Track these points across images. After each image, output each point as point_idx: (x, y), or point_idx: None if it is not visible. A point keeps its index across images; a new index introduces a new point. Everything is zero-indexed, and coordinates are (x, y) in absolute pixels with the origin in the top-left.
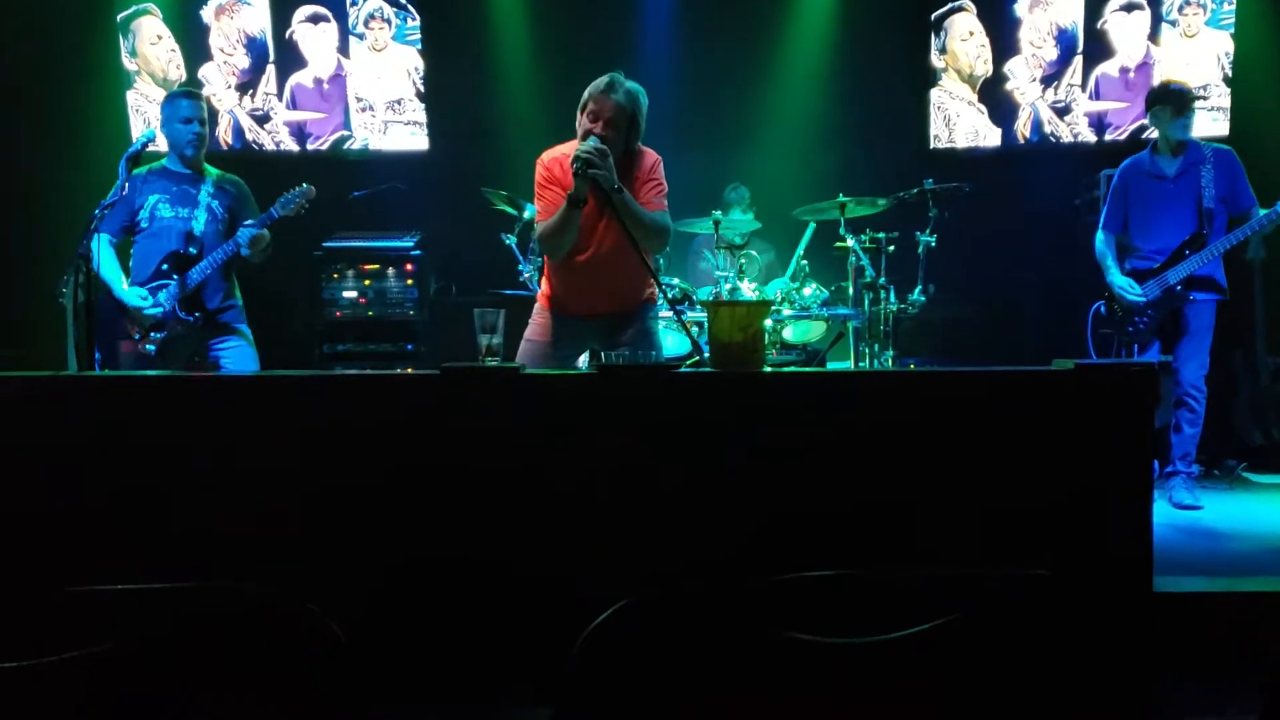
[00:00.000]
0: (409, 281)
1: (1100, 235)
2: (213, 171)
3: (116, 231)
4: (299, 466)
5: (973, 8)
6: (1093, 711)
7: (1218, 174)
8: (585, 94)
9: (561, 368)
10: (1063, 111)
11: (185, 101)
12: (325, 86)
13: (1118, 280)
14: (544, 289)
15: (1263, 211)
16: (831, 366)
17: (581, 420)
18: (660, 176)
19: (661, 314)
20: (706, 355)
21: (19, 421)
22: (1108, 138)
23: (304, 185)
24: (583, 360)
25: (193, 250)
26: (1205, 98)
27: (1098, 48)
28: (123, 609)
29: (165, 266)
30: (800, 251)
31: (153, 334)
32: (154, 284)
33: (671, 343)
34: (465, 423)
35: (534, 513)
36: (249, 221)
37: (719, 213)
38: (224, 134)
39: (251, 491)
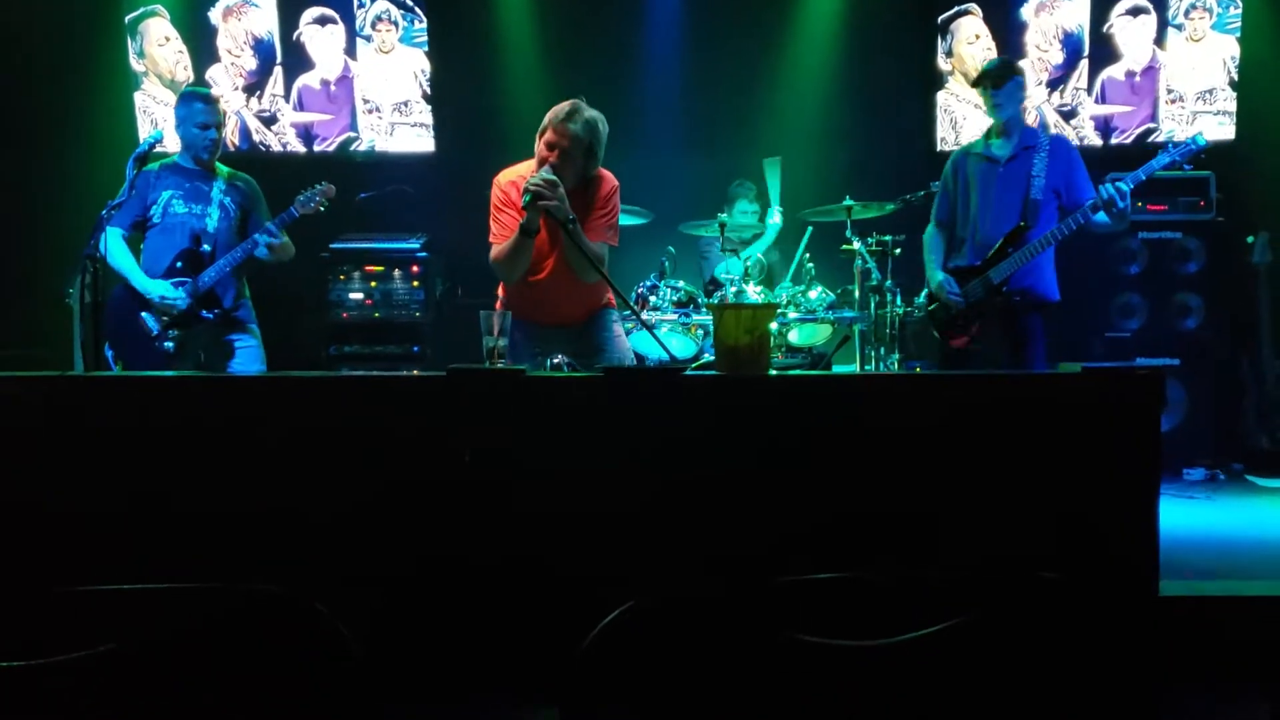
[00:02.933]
0: (415, 283)
1: (928, 227)
2: (224, 170)
3: (128, 226)
4: (306, 468)
5: (979, 11)
6: (1098, 714)
7: (1052, 162)
8: (545, 119)
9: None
10: (1069, 115)
11: (201, 105)
12: (332, 88)
13: (936, 277)
14: (500, 297)
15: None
16: (837, 370)
17: (587, 422)
18: (614, 206)
19: (664, 318)
20: (690, 361)
21: (26, 421)
22: (1113, 141)
23: (322, 183)
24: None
25: (206, 248)
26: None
27: (1104, 51)
28: (129, 609)
29: (180, 264)
30: (800, 254)
31: (170, 332)
32: (170, 281)
33: (676, 345)
34: (471, 424)
35: (540, 514)
36: (269, 224)
37: (724, 215)
38: (231, 135)
39: (257, 492)
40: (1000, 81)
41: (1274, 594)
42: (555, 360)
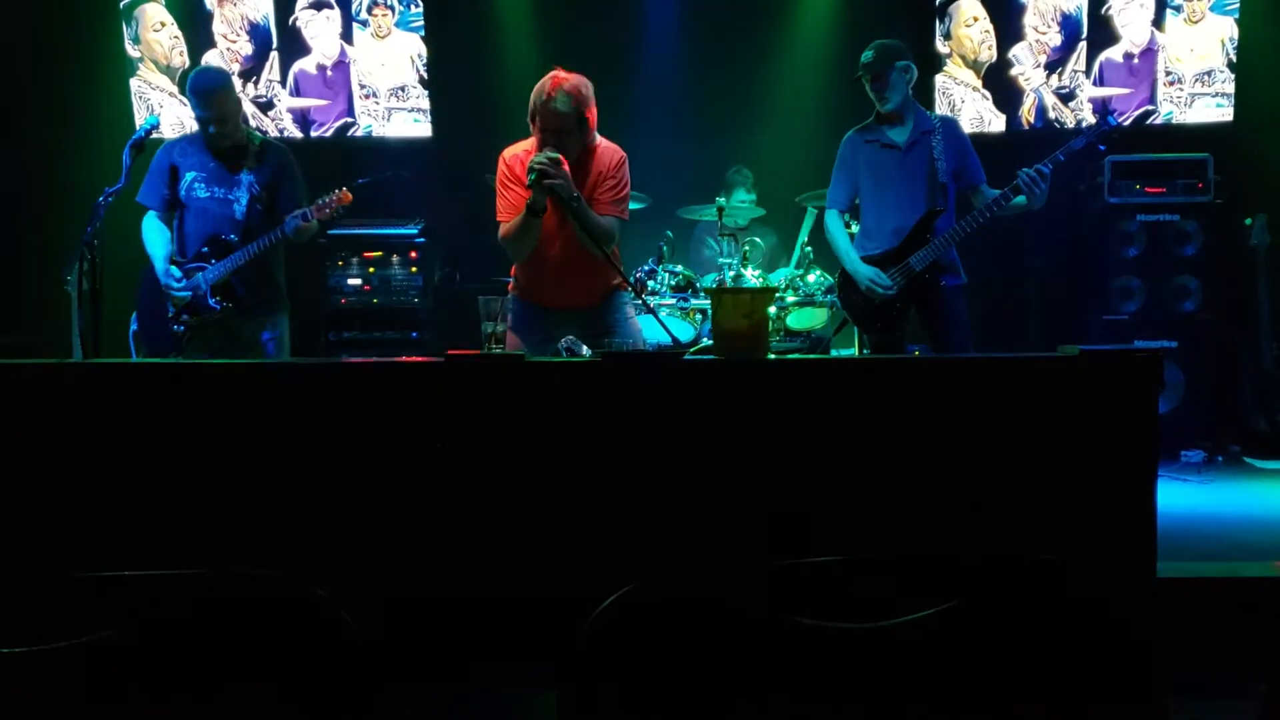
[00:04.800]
0: (413, 269)
1: (828, 215)
2: (255, 139)
3: (160, 205)
4: (304, 453)
5: None
6: (1097, 695)
7: (947, 145)
8: (530, 102)
9: (535, 355)
10: (1067, 97)
11: (194, 100)
12: (329, 73)
13: (863, 270)
14: (513, 277)
15: (993, 192)
16: (835, 353)
17: (585, 407)
18: (623, 177)
19: (663, 303)
20: (688, 345)
21: (24, 408)
22: (1112, 124)
23: (339, 189)
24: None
25: (233, 237)
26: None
27: (1102, 33)
28: (130, 595)
29: (205, 249)
30: (803, 239)
31: (184, 315)
32: (191, 265)
33: (674, 330)
34: (469, 410)
35: (539, 498)
36: (295, 213)
37: (722, 198)
38: None
39: (256, 478)
40: (880, 73)
41: (1271, 575)
42: (559, 345)
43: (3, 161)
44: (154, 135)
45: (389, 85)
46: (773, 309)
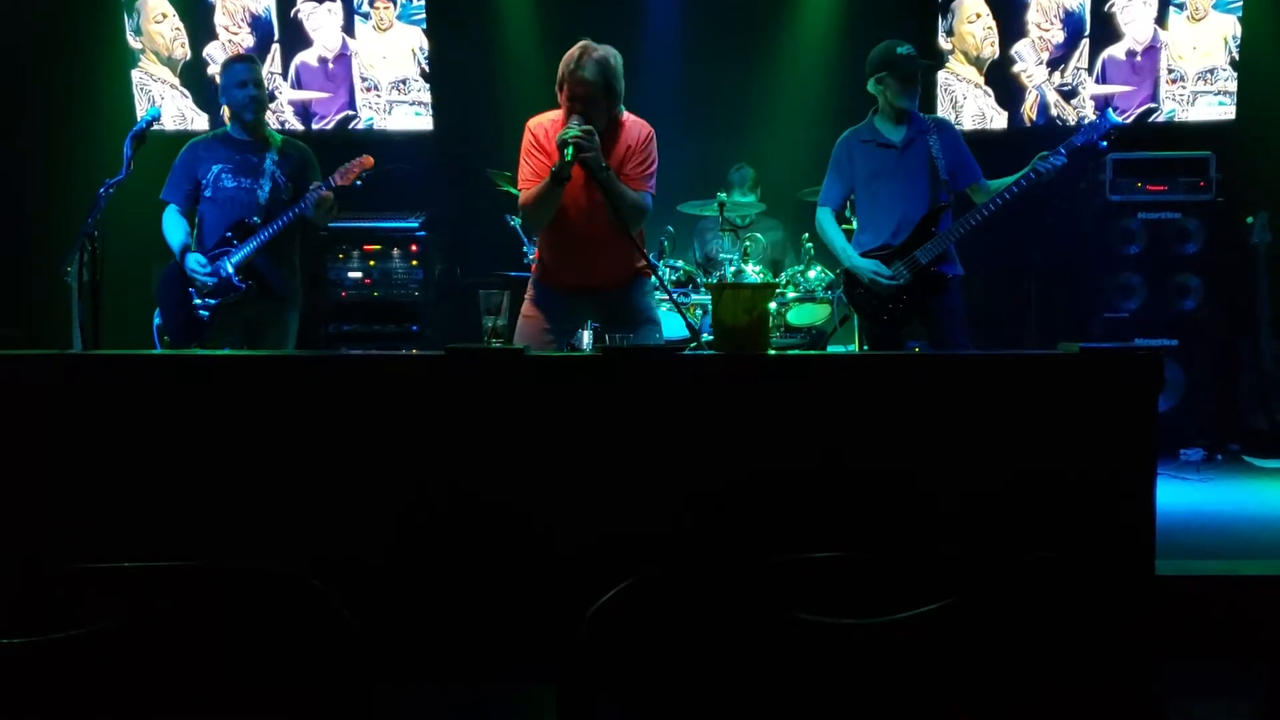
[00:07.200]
0: (414, 263)
1: (821, 212)
2: (276, 139)
3: (182, 200)
4: (303, 447)
5: None
6: (1095, 693)
7: (944, 143)
8: (559, 70)
9: (557, 345)
10: (1069, 95)
11: (239, 65)
12: (330, 66)
13: (861, 264)
14: (536, 261)
15: (994, 182)
16: (835, 349)
17: (585, 402)
18: (652, 152)
19: (661, 296)
20: (707, 339)
21: (23, 400)
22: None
23: (361, 155)
24: (587, 340)
25: (256, 220)
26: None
27: (1105, 31)
28: (126, 587)
29: (229, 234)
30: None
31: (208, 299)
32: (216, 251)
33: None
34: (469, 404)
35: (537, 494)
36: (315, 185)
37: (724, 194)
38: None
39: (256, 471)
40: (913, 74)
41: (1270, 573)
42: (578, 339)
43: (4, 154)
44: (155, 127)
45: (390, 78)
46: (773, 305)
